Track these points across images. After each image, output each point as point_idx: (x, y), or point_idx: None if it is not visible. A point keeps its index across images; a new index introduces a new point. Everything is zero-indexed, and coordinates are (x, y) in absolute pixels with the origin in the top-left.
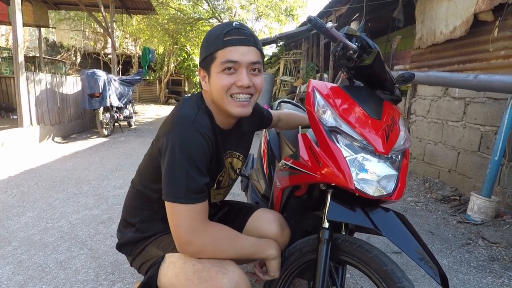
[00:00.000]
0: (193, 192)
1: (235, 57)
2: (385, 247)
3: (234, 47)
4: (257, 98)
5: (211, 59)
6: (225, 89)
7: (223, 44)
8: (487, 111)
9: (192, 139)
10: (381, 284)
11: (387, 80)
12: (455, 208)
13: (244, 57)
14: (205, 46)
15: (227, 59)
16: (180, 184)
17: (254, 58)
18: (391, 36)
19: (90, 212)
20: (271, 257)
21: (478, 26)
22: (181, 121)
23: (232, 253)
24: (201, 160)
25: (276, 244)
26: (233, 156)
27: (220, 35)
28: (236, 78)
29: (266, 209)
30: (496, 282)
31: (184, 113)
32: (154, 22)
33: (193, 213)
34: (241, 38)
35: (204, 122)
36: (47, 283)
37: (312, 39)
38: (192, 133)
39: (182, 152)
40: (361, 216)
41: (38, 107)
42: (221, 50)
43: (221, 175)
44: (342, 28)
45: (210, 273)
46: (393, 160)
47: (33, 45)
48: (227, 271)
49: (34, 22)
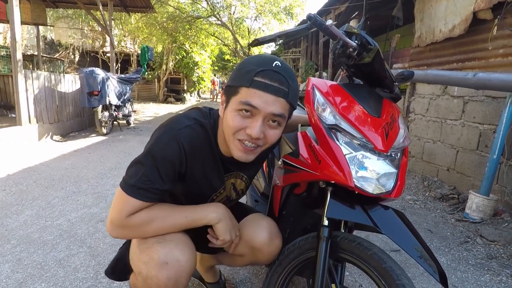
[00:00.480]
0: (142, 188)
1: (256, 102)
2: (384, 245)
3: (260, 91)
4: (265, 149)
5: (234, 91)
6: (234, 131)
7: (250, 83)
8: (486, 109)
9: (166, 145)
10: (380, 282)
11: (386, 78)
12: (453, 207)
13: (266, 105)
14: (235, 74)
15: (247, 101)
16: (135, 176)
17: (278, 111)
18: (390, 35)
19: (89, 210)
20: (213, 221)
21: (477, 24)
22: (169, 126)
23: (166, 230)
24: (165, 166)
25: (217, 207)
26: (237, 176)
27: (252, 72)
28: (249, 124)
29: (260, 215)
30: (494, 280)
31: (178, 119)
32: (153, 20)
33: (130, 206)
34: (272, 85)
35: (191, 135)
36: (47, 281)
37: (311, 38)
38: (169, 139)
39: (150, 152)
40: (360, 214)
41: (37, 105)
42: (246, 89)
43: (216, 194)
44: (341, 26)
45: (148, 243)
46: (393, 158)
47: (31, 44)
48: (163, 240)
49: (32, 20)
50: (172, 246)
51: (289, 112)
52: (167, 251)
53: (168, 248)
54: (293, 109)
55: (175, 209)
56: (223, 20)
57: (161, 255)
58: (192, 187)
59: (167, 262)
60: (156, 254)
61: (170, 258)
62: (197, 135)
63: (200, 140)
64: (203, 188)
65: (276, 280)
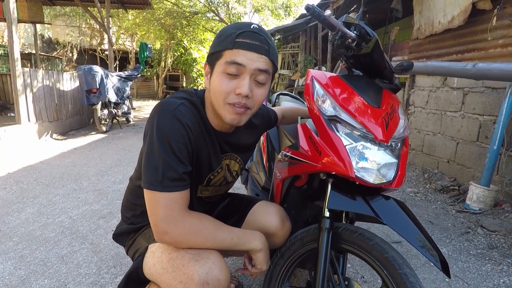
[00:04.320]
0: (171, 179)
1: (241, 59)
2: (385, 237)
3: (243, 51)
4: (254, 112)
5: (217, 56)
6: (223, 95)
7: (233, 45)
8: (486, 100)
9: (171, 127)
10: (382, 272)
11: (386, 69)
12: (454, 198)
13: (251, 62)
14: (215, 41)
15: (232, 60)
16: (157, 171)
17: (263, 66)
18: (389, 28)
19: (90, 207)
20: (255, 249)
21: (476, 15)
22: (162, 108)
23: (211, 245)
24: (179, 148)
25: (261, 236)
26: (231, 158)
27: (232, 35)
28: (237, 84)
29: (267, 202)
30: (495, 269)
31: (168, 101)
32: (150, 16)
33: (169, 201)
34: (254, 44)
35: (188, 113)
36: (49, 277)
37: (310, 32)
38: (171, 120)
39: (160, 139)
40: (361, 205)
41: (36, 104)
42: (229, 51)
43: (213, 174)
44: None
45: (183, 260)
46: (393, 148)
47: (28, 42)
48: (200, 258)
49: (29, 18)
50: (211, 265)
51: (273, 70)
52: (207, 271)
53: (208, 267)
54: (275, 68)
55: (223, 227)
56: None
57: (201, 275)
58: (196, 166)
59: (208, 282)
60: (196, 274)
61: (210, 278)
62: (192, 112)
63: (195, 116)
64: (203, 168)
65: (278, 272)
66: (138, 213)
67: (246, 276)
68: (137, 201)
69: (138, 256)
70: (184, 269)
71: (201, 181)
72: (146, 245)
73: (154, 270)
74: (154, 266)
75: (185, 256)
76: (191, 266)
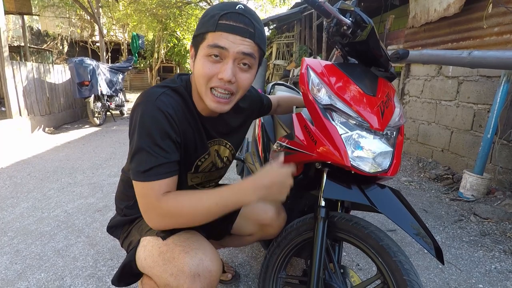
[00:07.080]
0: (151, 169)
1: (224, 43)
2: (380, 225)
3: (226, 33)
4: (239, 97)
5: (201, 39)
6: (206, 79)
7: (215, 27)
8: (480, 89)
9: (153, 117)
10: (377, 259)
11: (381, 57)
12: (448, 187)
13: (234, 45)
14: (200, 23)
15: (214, 43)
16: (139, 162)
17: (247, 49)
18: (384, 16)
19: (85, 200)
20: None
21: (472, 2)
22: (143, 100)
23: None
24: (162, 138)
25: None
26: (220, 143)
27: (216, 16)
28: (220, 68)
29: None
30: (487, 255)
31: (150, 91)
32: (142, 6)
33: (147, 189)
34: (237, 26)
35: (170, 101)
36: (46, 271)
37: (305, 21)
38: (153, 110)
39: (142, 130)
40: (357, 193)
41: (26, 98)
42: (212, 33)
43: (200, 160)
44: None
45: (173, 253)
46: (389, 137)
47: (17, 35)
48: (190, 250)
49: (16, 9)
50: (202, 256)
51: (259, 54)
52: (198, 263)
53: (198, 259)
54: (262, 52)
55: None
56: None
57: (192, 267)
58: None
59: (199, 274)
60: (186, 266)
61: (201, 269)
62: (174, 100)
63: (178, 104)
64: (190, 154)
65: (274, 261)
66: (132, 204)
67: (243, 266)
68: (129, 192)
69: (131, 249)
70: (174, 262)
71: (189, 168)
72: (138, 238)
73: (146, 263)
74: (145, 259)
75: (175, 249)
76: (181, 258)
